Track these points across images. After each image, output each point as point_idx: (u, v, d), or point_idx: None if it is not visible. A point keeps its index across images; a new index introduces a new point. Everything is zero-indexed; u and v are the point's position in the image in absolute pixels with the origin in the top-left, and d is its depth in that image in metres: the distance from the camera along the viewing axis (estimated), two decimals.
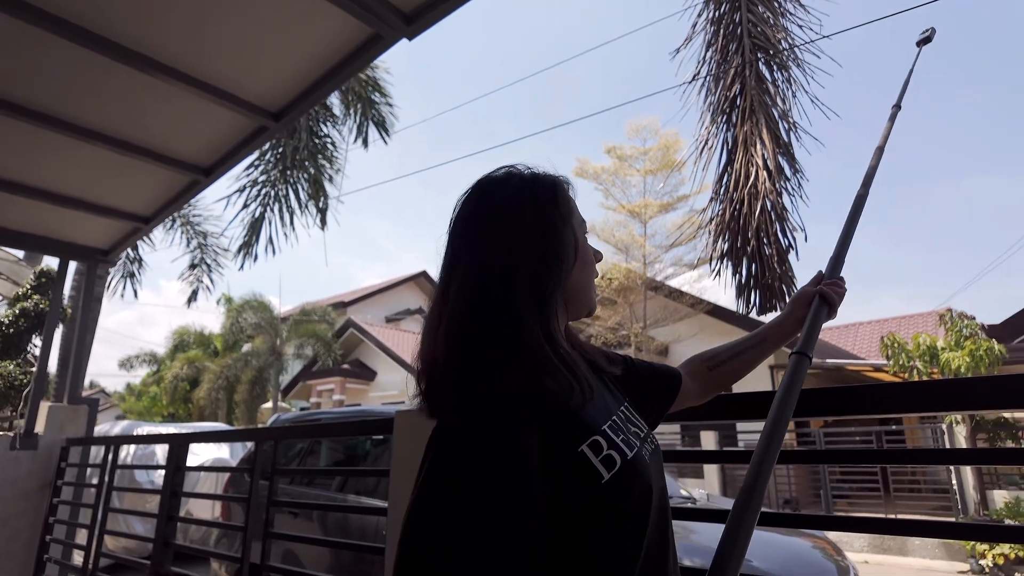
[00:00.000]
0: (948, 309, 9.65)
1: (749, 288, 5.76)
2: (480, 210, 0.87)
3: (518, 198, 0.87)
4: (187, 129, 2.73)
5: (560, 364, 0.76)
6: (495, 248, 0.82)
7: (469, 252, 0.84)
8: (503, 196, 0.87)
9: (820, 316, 1.11)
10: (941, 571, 7.76)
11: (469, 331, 0.77)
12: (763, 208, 5.56)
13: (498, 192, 0.88)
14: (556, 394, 0.73)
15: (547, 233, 0.85)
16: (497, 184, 0.89)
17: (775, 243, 5.62)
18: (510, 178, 0.90)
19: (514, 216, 0.85)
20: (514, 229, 0.83)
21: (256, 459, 2.29)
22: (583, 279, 0.91)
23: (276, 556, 3.54)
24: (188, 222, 12.10)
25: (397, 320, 23.71)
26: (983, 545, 7.48)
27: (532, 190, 0.88)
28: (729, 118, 6.17)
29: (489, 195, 0.88)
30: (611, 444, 0.74)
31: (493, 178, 0.91)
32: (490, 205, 0.87)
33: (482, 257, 0.82)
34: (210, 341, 21.84)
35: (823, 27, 6.12)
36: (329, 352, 17.47)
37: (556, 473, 0.69)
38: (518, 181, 0.89)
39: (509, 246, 0.82)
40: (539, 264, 0.82)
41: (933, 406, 1.05)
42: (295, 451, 4.34)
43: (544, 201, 0.87)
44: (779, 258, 5.61)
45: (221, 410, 18.11)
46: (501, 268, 0.80)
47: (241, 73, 2.34)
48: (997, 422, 9.27)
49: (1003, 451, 0.97)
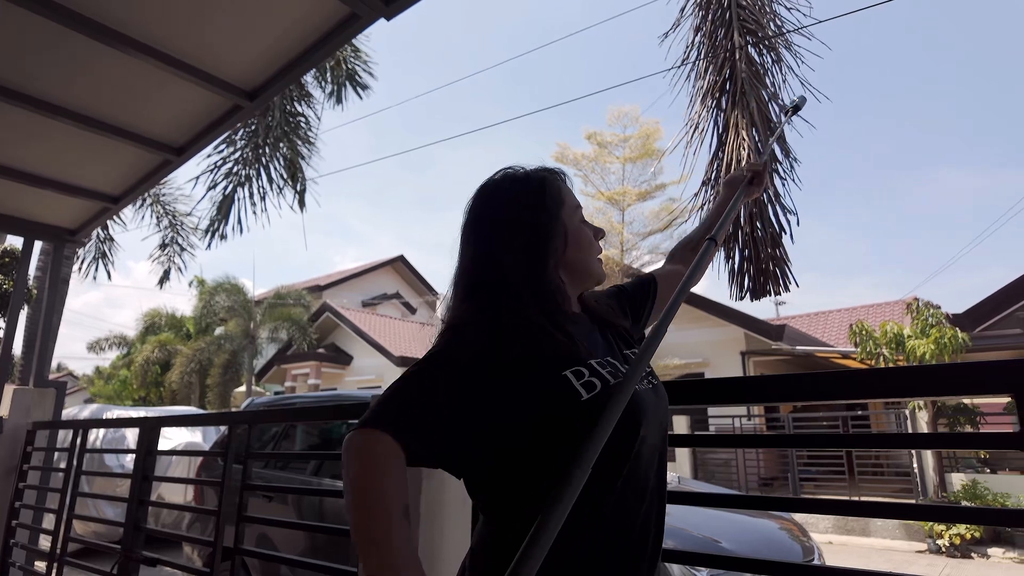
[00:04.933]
0: (915, 298, 9.88)
1: (742, 273, 5.81)
2: (482, 212, 1.05)
3: (509, 195, 1.04)
4: (159, 107, 2.66)
5: (544, 322, 0.93)
6: (497, 242, 1.01)
7: (478, 246, 1.03)
8: (499, 197, 1.05)
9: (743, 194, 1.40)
10: (901, 551, 8.04)
11: (477, 295, 0.98)
12: None
13: (495, 194, 1.06)
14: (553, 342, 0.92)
15: (536, 226, 1.01)
16: (494, 187, 1.07)
17: (769, 227, 5.66)
18: (504, 180, 1.07)
19: (507, 210, 1.03)
20: (510, 226, 1.01)
21: (229, 443, 2.27)
22: (579, 258, 1.06)
23: (250, 540, 3.52)
24: (159, 201, 11.81)
25: (374, 304, 23.56)
26: (940, 526, 7.76)
27: (521, 187, 1.05)
28: (719, 102, 6.18)
29: (488, 197, 1.06)
30: (593, 372, 0.89)
31: (492, 181, 1.08)
32: (489, 206, 1.05)
33: (489, 249, 1.01)
34: (182, 324, 21.46)
35: (812, 10, 6.15)
36: (304, 336, 17.30)
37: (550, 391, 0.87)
38: (511, 183, 1.06)
39: (508, 239, 1.00)
40: (533, 252, 1.00)
41: (898, 392, 1.08)
42: (269, 435, 4.31)
43: (533, 199, 1.03)
44: (773, 241, 5.66)
45: (194, 394, 17.88)
46: (500, 253, 0.99)
47: (215, 51, 2.28)
48: (957, 408, 9.58)
49: (962, 435, 1.01)
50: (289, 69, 2.34)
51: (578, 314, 1.05)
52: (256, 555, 2.88)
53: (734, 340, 12.65)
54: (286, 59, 2.30)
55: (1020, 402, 0.93)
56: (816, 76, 17.16)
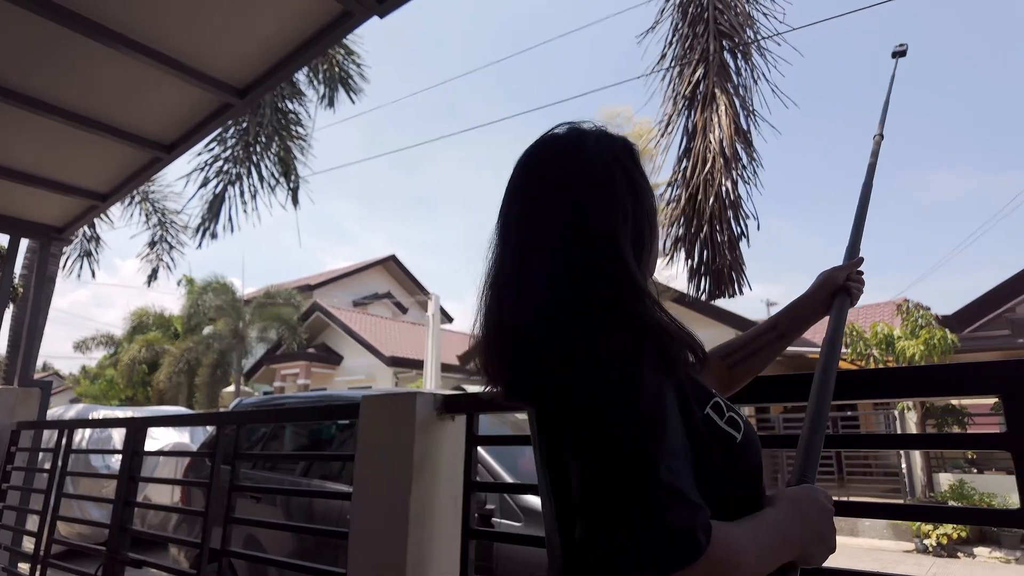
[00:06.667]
0: (905, 299, 9.95)
1: (701, 274, 5.85)
2: (559, 170, 0.78)
3: (602, 156, 0.78)
4: (148, 104, 2.64)
5: (678, 330, 0.71)
6: (590, 209, 0.74)
7: (554, 215, 0.75)
8: (586, 154, 0.78)
9: (844, 309, 1.03)
10: (889, 550, 8.09)
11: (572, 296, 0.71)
12: (718, 195, 5.64)
13: (578, 150, 0.79)
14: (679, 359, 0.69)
15: (638, 193, 0.78)
16: (573, 142, 0.80)
17: (727, 230, 5.70)
18: (586, 136, 0.81)
19: (603, 175, 0.76)
20: (606, 189, 0.76)
21: (218, 443, 2.25)
22: (653, 264, 0.85)
23: (237, 541, 3.49)
24: (148, 199, 11.71)
25: (365, 304, 23.47)
26: (928, 526, 7.83)
27: (613, 148, 0.80)
28: (691, 103, 6.21)
29: (566, 153, 0.79)
30: (729, 407, 0.73)
31: (564, 136, 0.82)
32: (571, 164, 0.78)
33: (576, 218, 0.74)
34: (170, 323, 21.28)
35: (786, 16, 6.19)
36: (294, 336, 17.21)
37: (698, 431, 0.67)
38: (596, 139, 0.81)
39: (606, 207, 0.74)
40: (636, 226, 0.76)
41: (888, 393, 1.09)
42: (258, 436, 4.28)
43: (629, 161, 0.80)
44: (731, 245, 5.70)
45: (181, 394, 17.73)
46: (603, 230, 0.73)
47: (206, 48, 2.26)
48: (946, 408, 9.66)
49: (949, 436, 1.02)
50: (281, 67, 2.32)
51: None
52: (243, 557, 2.86)
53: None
54: (278, 57, 2.29)
55: (1007, 403, 0.94)
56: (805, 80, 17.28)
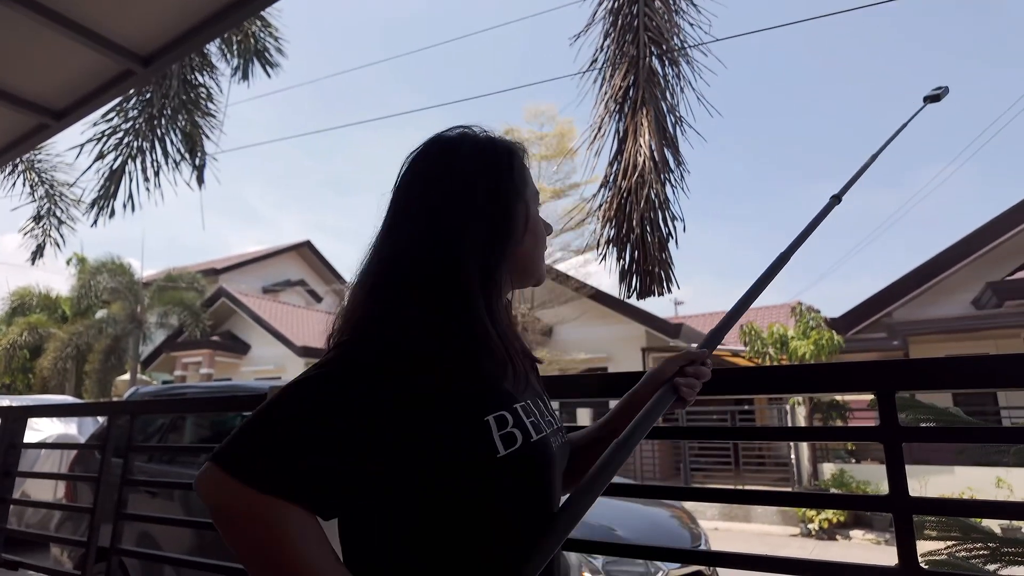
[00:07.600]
0: (799, 302, 10.72)
1: (631, 274, 6.05)
2: (433, 170, 0.84)
3: (473, 163, 0.83)
4: (36, 65, 2.41)
5: (498, 341, 0.76)
6: (447, 212, 0.80)
7: (417, 212, 0.82)
8: (457, 159, 0.84)
9: (662, 406, 0.89)
10: (777, 535, 8.71)
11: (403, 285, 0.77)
12: (647, 197, 5.84)
13: (452, 154, 0.85)
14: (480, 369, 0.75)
15: (499, 204, 0.82)
16: (452, 145, 0.86)
17: (656, 231, 5.92)
18: (464, 140, 0.86)
19: (468, 182, 0.82)
20: (467, 195, 0.81)
21: (109, 435, 2.11)
22: (533, 252, 0.89)
23: (130, 539, 3.29)
24: (33, 168, 10.68)
25: (276, 291, 22.55)
26: (812, 511, 8.49)
27: (487, 157, 0.85)
28: (622, 108, 6.38)
29: (443, 155, 0.85)
30: (517, 421, 0.74)
31: (448, 138, 0.87)
32: (444, 166, 0.84)
33: (431, 219, 0.80)
34: (57, 305, 19.61)
35: (712, 28, 6.46)
36: (197, 322, 16.27)
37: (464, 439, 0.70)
38: (472, 145, 0.85)
39: (461, 212, 0.80)
40: (488, 235, 0.80)
41: (782, 388, 1.17)
42: (155, 427, 4.04)
43: (498, 170, 0.84)
44: (660, 245, 5.93)
45: (69, 382, 16.41)
46: (451, 235, 0.78)
47: (106, 9, 2.09)
48: (831, 404, 10.49)
49: (831, 429, 1.11)
50: (191, 35, 2.19)
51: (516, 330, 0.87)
52: (136, 555, 2.69)
53: (635, 337, 13.18)
54: (187, 25, 2.15)
55: (880, 399, 1.04)
56: (730, 93, 18.18)
